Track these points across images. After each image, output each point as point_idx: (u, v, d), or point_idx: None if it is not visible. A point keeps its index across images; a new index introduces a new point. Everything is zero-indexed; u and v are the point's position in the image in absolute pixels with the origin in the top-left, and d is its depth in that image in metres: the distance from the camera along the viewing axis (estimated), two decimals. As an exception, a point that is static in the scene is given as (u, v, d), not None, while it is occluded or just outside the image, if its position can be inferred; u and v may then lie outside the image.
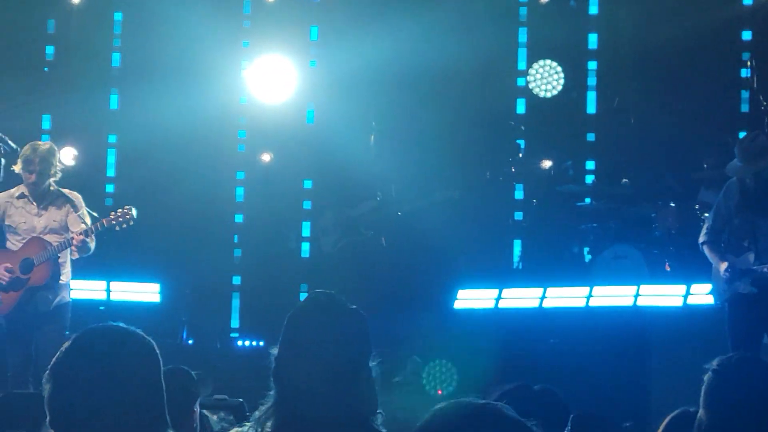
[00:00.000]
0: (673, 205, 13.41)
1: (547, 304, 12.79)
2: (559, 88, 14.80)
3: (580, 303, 12.67)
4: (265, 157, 15.16)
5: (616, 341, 11.84)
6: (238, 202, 15.40)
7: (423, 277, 13.93)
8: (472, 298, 13.19)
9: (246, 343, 14.14)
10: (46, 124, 15.13)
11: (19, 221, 9.95)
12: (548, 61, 14.79)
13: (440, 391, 11.94)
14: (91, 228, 9.75)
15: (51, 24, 15.35)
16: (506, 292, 12.99)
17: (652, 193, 13.83)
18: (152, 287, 13.81)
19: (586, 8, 15.27)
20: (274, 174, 15.09)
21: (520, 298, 13.00)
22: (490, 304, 12.99)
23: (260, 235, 15.11)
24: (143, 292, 13.77)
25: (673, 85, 14.55)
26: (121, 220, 9.82)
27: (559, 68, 14.77)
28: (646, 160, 14.43)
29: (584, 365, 11.40)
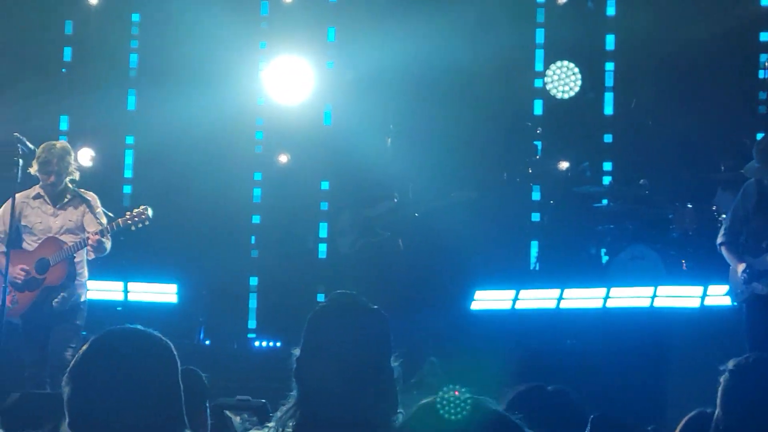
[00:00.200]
0: (691, 206, 13.39)
1: (564, 305, 12.79)
2: (577, 90, 14.77)
3: (597, 304, 12.66)
4: (283, 158, 15.16)
5: (633, 342, 11.82)
6: (256, 203, 15.42)
7: (440, 278, 13.92)
8: (488, 299, 13.20)
9: (263, 343, 14.15)
10: (64, 125, 15.17)
11: (35, 221, 9.95)
12: (566, 63, 14.77)
13: (457, 392, 11.92)
14: (106, 228, 9.75)
15: (69, 25, 15.40)
16: (523, 293, 12.99)
17: (670, 194, 13.81)
18: (169, 288, 13.83)
19: (604, 9, 15.25)
20: (292, 175, 15.09)
21: (537, 299, 13.00)
22: (507, 305, 12.99)
23: (277, 236, 15.11)
24: (160, 293, 13.79)
25: (691, 86, 14.50)
26: (136, 220, 9.84)
27: (577, 69, 14.75)
28: (664, 162, 14.40)
29: (601, 366, 11.39)
